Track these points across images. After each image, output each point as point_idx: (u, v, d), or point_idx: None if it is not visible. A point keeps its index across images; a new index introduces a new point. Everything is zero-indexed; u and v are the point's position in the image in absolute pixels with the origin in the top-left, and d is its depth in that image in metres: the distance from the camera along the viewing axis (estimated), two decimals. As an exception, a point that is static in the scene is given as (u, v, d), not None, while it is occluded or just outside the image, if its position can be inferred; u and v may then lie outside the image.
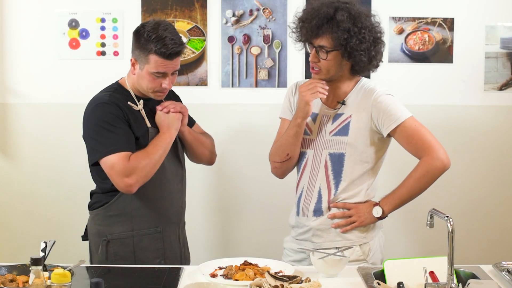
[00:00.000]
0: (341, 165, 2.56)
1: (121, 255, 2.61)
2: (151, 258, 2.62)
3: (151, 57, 2.52)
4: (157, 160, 2.54)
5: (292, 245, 2.69)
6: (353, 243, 2.56)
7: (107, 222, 2.62)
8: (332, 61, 2.51)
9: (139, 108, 2.62)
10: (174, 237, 2.71)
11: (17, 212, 3.59)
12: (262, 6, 3.52)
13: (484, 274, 2.30)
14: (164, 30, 2.53)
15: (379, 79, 3.51)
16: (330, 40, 2.48)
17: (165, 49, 2.50)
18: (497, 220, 3.65)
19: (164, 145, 2.57)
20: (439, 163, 2.51)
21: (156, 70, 2.53)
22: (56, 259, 2.36)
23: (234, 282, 2.20)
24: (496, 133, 3.61)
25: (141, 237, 2.62)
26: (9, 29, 3.51)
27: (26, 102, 3.55)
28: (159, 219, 2.65)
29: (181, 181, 2.75)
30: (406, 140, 2.53)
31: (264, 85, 3.55)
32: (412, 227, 3.59)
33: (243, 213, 3.63)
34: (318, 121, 2.62)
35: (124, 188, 2.51)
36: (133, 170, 2.48)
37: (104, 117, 2.54)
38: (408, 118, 2.53)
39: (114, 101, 2.57)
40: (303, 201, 2.63)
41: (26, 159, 3.57)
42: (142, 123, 2.61)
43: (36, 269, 1.82)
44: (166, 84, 2.57)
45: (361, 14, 2.51)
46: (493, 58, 3.55)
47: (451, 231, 1.99)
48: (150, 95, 2.62)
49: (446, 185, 3.61)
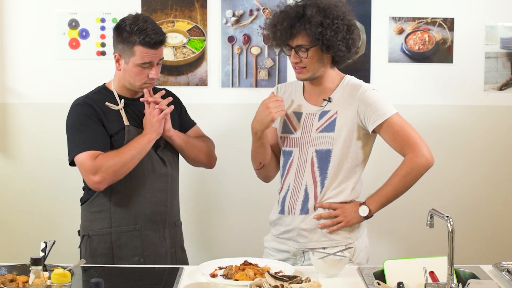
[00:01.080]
0: (327, 162, 2.55)
1: (100, 252, 2.66)
2: (129, 255, 2.65)
3: (136, 49, 2.57)
4: (128, 159, 2.57)
5: (274, 244, 2.68)
6: (338, 243, 2.55)
7: (89, 218, 2.70)
8: (313, 57, 2.52)
9: (119, 108, 2.66)
10: (158, 237, 2.71)
11: (17, 212, 3.59)
12: (262, 6, 3.52)
13: (484, 274, 2.30)
14: (144, 22, 2.60)
15: (379, 79, 3.52)
16: (306, 38, 2.49)
17: (149, 38, 2.56)
18: (497, 220, 3.65)
19: (140, 146, 2.59)
20: (423, 160, 2.51)
21: (143, 60, 2.58)
22: (56, 259, 2.36)
23: (234, 282, 2.20)
24: (496, 133, 3.61)
25: (119, 234, 2.66)
26: (9, 29, 3.51)
27: (26, 102, 3.55)
28: (138, 217, 2.67)
29: (165, 180, 2.73)
30: (392, 136, 2.53)
31: (264, 85, 3.55)
32: (412, 227, 3.59)
33: (245, 212, 3.63)
34: (302, 120, 2.62)
35: (92, 185, 2.59)
36: (99, 168, 2.54)
37: (76, 117, 2.64)
38: (394, 115, 2.53)
39: (88, 102, 2.65)
40: (289, 199, 2.61)
41: (26, 159, 3.57)
42: (120, 122, 2.65)
43: (36, 269, 1.82)
44: (153, 74, 2.61)
45: (330, 5, 2.51)
46: (493, 58, 3.55)
47: (451, 231, 1.99)
48: (138, 88, 2.65)
49: (446, 185, 3.61)
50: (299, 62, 2.53)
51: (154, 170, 2.69)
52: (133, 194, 2.66)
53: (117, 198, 2.65)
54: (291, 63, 2.58)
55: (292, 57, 2.54)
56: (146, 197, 2.68)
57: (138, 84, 2.63)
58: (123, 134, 2.63)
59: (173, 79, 3.53)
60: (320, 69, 2.56)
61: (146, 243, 2.68)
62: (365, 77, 3.19)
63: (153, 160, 2.68)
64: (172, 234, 2.77)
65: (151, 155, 2.66)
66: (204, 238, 3.63)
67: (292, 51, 2.53)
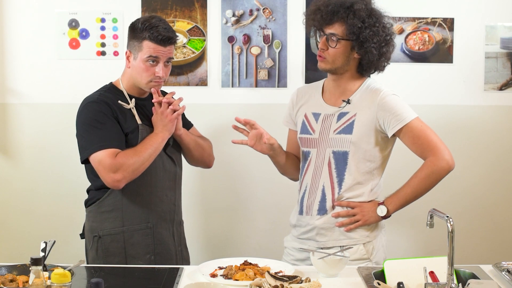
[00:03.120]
0: (345, 163, 2.56)
1: (111, 251, 2.65)
2: (141, 253, 2.66)
3: (144, 43, 2.60)
4: (146, 158, 2.57)
5: (294, 244, 2.69)
6: (357, 242, 2.56)
7: (99, 218, 2.68)
8: (340, 50, 2.53)
9: (130, 107, 2.67)
10: (167, 234, 2.73)
11: (17, 212, 3.59)
12: (262, 6, 3.52)
13: (484, 274, 2.30)
14: (157, 21, 2.63)
15: (379, 79, 3.51)
16: (343, 28, 2.50)
17: (157, 33, 2.58)
18: (497, 220, 3.65)
19: (155, 145, 2.60)
20: (444, 163, 2.52)
21: (149, 54, 2.59)
22: (56, 259, 2.36)
23: (234, 282, 2.20)
24: (496, 133, 3.61)
25: (132, 232, 2.66)
26: (9, 29, 3.51)
27: (26, 102, 3.55)
28: (149, 214, 2.68)
29: (174, 179, 2.76)
30: (412, 141, 2.54)
31: (264, 85, 3.55)
32: (412, 227, 3.59)
33: (245, 212, 3.62)
34: (321, 120, 2.63)
35: (111, 183, 2.56)
36: (120, 166, 2.53)
37: (92, 115, 2.61)
38: (414, 119, 2.54)
39: (103, 100, 2.63)
40: (306, 200, 2.63)
41: (26, 159, 3.57)
42: (133, 121, 2.65)
43: (36, 269, 1.83)
44: (159, 72, 2.61)
45: (378, 10, 2.56)
46: (493, 58, 3.55)
47: (451, 231, 1.99)
48: (146, 87, 2.66)
49: (446, 185, 3.59)
50: (325, 50, 2.53)
51: (165, 169, 2.71)
52: (145, 192, 2.67)
53: (129, 197, 2.65)
54: (319, 48, 2.58)
55: (321, 43, 2.54)
56: (157, 195, 2.69)
57: (145, 82, 2.64)
58: (137, 133, 2.64)
59: (173, 79, 3.53)
60: (344, 67, 2.57)
61: (157, 241, 2.69)
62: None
63: (164, 159, 2.70)
64: (178, 232, 2.80)
65: (161, 154, 2.68)
66: (205, 238, 3.63)
67: (323, 37, 2.53)
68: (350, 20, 2.48)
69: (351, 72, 2.60)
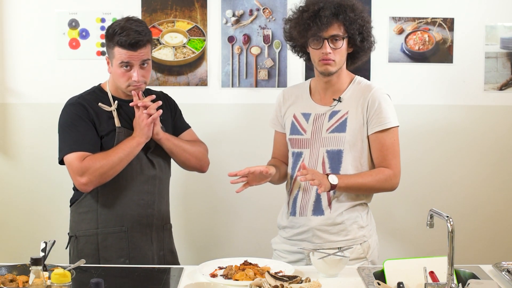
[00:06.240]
0: (339, 162, 2.55)
1: (86, 253, 2.65)
2: (115, 257, 2.65)
3: (116, 50, 2.57)
4: (116, 162, 2.56)
5: (285, 246, 2.67)
6: (354, 242, 2.56)
7: (77, 218, 2.71)
8: (344, 48, 2.53)
9: (111, 109, 2.66)
10: (144, 239, 2.69)
11: (17, 212, 3.59)
12: (262, 6, 3.52)
13: (484, 274, 2.30)
14: (127, 22, 2.58)
15: (379, 79, 3.52)
16: (342, 27, 2.49)
17: (125, 38, 2.53)
18: (497, 220, 3.65)
19: (128, 149, 2.58)
20: (395, 182, 2.56)
21: (120, 60, 2.56)
22: (56, 259, 2.36)
23: (234, 282, 2.20)
24: (496, 133, 3.61)
25: (105, 235, 2.66)
26: (9, 29, 3.51)
27: (26, 102, 3.55)
28: (124, 218, 2.66)
29: (153, 183, 2.71)
30: (380, 147, 2.54)
31: (264, 85, 3.55)
32: (412, 227, 3.59)
33: (242, 213, 3.62)
34: (312, 120, 2.61)
35: (79, 186, 2.60)
36: (86, 169, 2.54)
37: (68, 117, 2.64)
38: (394, 128, 2.55)
39: (80, 102, 2.65)
40: (300, 200, 2.61)
41: (26, 159, 3.57)
42: (111, 123, 2.64)
43: (36, 269, 1.82)
44: (135, 76, 2.58)
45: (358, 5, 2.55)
46: (493, 58, 3.55)
47: (451, 231, 1.99)
48: (126, 91, 2.64)
49: (446, 185, 3.61)
50: (331, 53, 2.50)
51: (142, 172, 2.68)
52: (121, 195, 2.65)
53: (104, 199, 2.65)
54: (317, 57, 2.53)
55: (325, 48, 2.49)
56: (133, 199, 2.67)
57: (123, 86, 2.63)
58: (113, 135, 2.63)
59: (173, 79, 3.53)
60: (343, 64, 2.57)
61: (132, 245, 2.67)
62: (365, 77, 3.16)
63: (142, 162, 2.67)
64: (160, 237, 2.75)
65: (140, 157, 2.66)
66: (205, 239, 3.63)
67: (324, 42, 2.50)
68: (349, 18, 2.48)
69: (342, 68, 2.59)
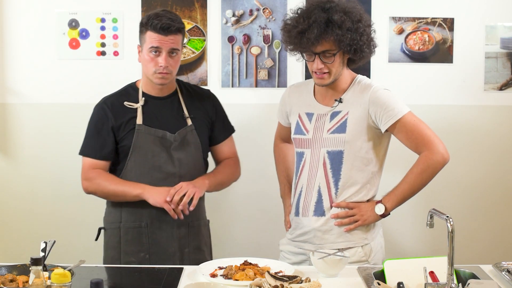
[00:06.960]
0: (340, 163, 2.55)
1: (110, 245, 2.77)
2: (135, 251, 2.71)
3: (147, 34, 2.63)
4: (111, 192, 2.70)
5: (290, 247, 2.67)
6: (355, 244, 2.55)
7: (108, 211, 2.82)
8: (337, 61, 2.50)
9: (137, 106, 2.70)
10: (165, 235, 2.71)
11: (17, 212, 3.59)
12: (262, 6, 3.52)
13: (484, 274, 2.30)
14: (164, 12, 2.66)
15: (379, 79, 3.51)
16: (332, 43, 2.46)
17: (158, 22, 2.59)
18: (497, 220, 3.65)
19: (126, 192, 2.67)
20: (439, 157, 2.50)
21: (151, 44, 2.61)
22: (56, 259, 2.36)
23: (234, 282, 2.20)
24: (496, 133, 3.61)
25: (127, 229, 2.73)
26: (9, 29, 3.51)
27: (26, 102, 3.55)
28: (144, 214, 2.71)
29: (172, 181, 2.70)
30: (405, 136, 2.52)
31: (264, 85, 3.55)
32: (412, 227, 3.59)
33: (242, 213, 3.62)
34: (314, 120, 2.61)
35: (82, 186, 2.76)
36: (90, 179, 2.72)
37: (92, 120, 2.77)
38: (407, 114, 2.51)
39: (103, 106, 2.73)
40: (303, 201, 2.61)
41: (26, 159, 3.57)
42: (133, 122, 2.69)
43: (36, 269, 1.83)
44: (161, 61, 2.62)
45: (351, 8, 2.49)
46: (493, 58, 3.55)
47: (451, 231, 1.99)
48: (152, 79, 2.67)
49: (446, 185, 3.61)
50: (323, 67, 2.50)
51: (161, 170, 2.70)
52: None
53: None
54: (311, 69, 2.53)
55: (316, 63, 2.49)
56: None
57: (150, 73, 2.66)
58: (133, 133, 2.68)
59: (173, 79, 3.53)
60: (340, 72, 2.55)
61: (152, 241, 2.71)
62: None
63: (162, 161, 2.70)
64: (183, 234, 2.75)
65: (160, 154, 2.69)
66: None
67: (316, 57, 2.49)
68: (338, 35, 2.43)
69: (343, 70, 2.58)
